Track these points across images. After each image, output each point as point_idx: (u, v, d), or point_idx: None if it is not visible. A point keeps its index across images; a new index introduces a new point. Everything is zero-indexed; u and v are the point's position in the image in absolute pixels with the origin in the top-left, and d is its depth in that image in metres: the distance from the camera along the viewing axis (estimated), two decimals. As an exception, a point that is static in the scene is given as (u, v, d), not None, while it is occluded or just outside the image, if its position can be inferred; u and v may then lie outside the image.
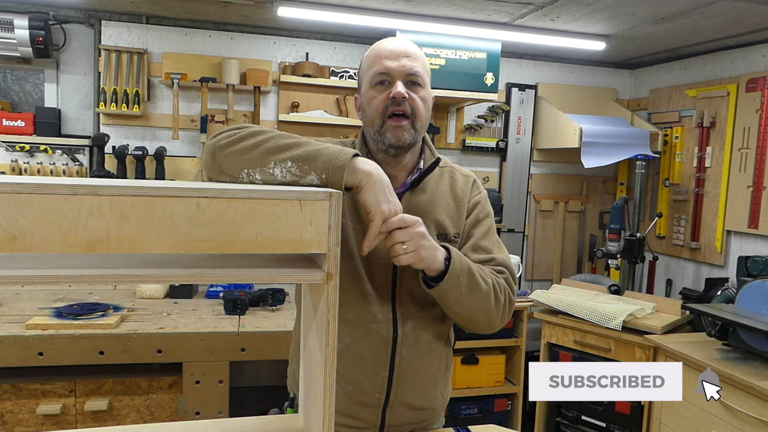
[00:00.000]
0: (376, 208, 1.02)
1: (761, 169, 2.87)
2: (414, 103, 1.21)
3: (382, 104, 1.21)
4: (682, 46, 3.19)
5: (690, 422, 2.34)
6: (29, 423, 2.22)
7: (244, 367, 3.01)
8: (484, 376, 3.07)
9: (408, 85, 1.21)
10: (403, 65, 1.20)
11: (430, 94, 1.28)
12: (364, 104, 1.26)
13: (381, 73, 1.21)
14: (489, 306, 1.20)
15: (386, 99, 1.20)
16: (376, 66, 1.22)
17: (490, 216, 1.34)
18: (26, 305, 2.50)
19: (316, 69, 3.18)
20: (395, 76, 1.20)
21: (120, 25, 3.02)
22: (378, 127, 1.22)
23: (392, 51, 1.22)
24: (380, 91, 1.21)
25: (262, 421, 1.12)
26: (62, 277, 0.73)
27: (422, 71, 1.23)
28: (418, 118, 1.22)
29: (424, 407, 1.31)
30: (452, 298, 1.16)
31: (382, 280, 1.23)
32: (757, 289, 2.27)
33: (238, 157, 1.02)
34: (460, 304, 1.18)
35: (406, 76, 1.21)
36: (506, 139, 3.62)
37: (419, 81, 1.22)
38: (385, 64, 1.20)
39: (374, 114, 1.22)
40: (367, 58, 1.27)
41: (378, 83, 1.22)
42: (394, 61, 1.20)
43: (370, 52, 1.26)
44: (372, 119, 1.23)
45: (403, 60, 1.20)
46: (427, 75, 1.25)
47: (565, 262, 3.82)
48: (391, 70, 1.20)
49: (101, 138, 2.90)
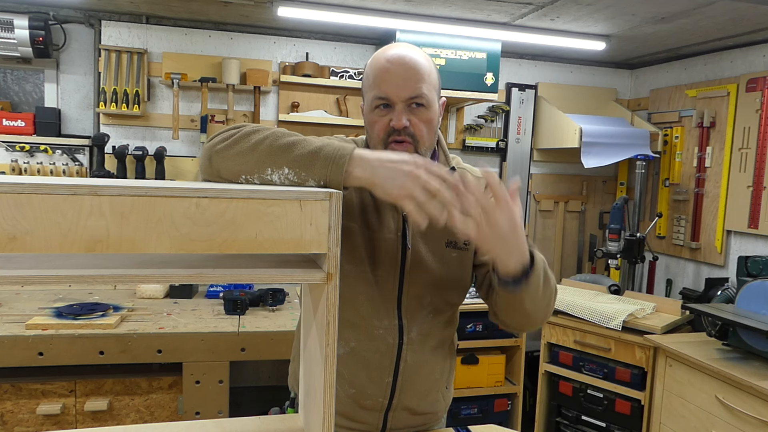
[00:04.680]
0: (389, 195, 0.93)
1: (761, 169, 2.87)
2: (417, 128, 1.14)
3: (383, 131, 1.15)
4: (682, 46, 3.19)
5: (690, 422, 2.34)
6: (29, 423, 2.22)
7: (244, 367, 3.01)
8: (484, 376, 3.06)
9: (410, 107, 1.14)
10: (403, 89, 1.12)
11: (437, 111, 1.19)
12: (367, 124, 1.20)
13: (380, 98, 1.14)
14: (551, 301, 1.16)
15: (387, 126, 1.14)
16: (375, 89, 1.14)
17: None
18: (26, 305, 2.50)
19: (316, 69, 3.18)
20: (395, 102, 1.13)
21: (120, 25, 3.02)
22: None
23: (393, 72, 1.13)
24: (381, 115, 1.15)
25: (262, 421, 1.12)
26: (62, 277, 0.73)
27: (426, 90, 1.14)
28: (421, 143, 1.15)
29: (427, 411, 1.31)
30: (531, 296, 1.08)
31: (389, 285, 1.21)
32: (757, 289, 2.27)
33: (234, 161, 0.99)
34: (534, 302, 1.10)
35: (408, 100, 1.13)
36: (506, 139, 3.62)
37: (423, 102, 1.14)
38: (384, 89, 1.13)
39: (376, 140, 1.17)
40: (367, 74, 1.18)
41: (378, 107, 1.15)
42: (393, 86, 1.12)
43: (370, 67, 1.18)
44: (374, 145, 1.18)
45: (402, 83, 1.12)
46: (433, 90, 1.17)
47: (565, 262, 3.82)
48: (391, 96, 1.13)
49: (101, 138, 2.90)
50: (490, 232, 0.97)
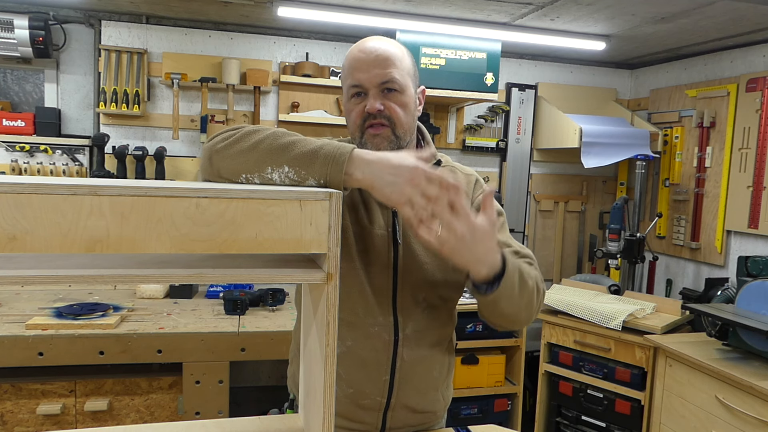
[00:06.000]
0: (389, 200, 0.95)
1: (761, 169, 2.87)
2: (392, 111, 1.17)
3: (359, 118, 1.19)
4: (682, 46, 3.19)
5: (690, 422, 2.34)
6: (29, 423, 2.22)
7: (244, 367, 3.01)
8: (484, 376, 3.07)
9: (383, 93, 1.17)
10: (375, 75, 1.16)
11: (413, 95, 1.22)
12: (345, 115, 1.25)
13: (354, 86, 1.19)
14: (533, 301, 1.18)
15: (362, 112, 1.18)
16: (349, 78, 1.19)
17: (502, 213, 1.31)
18: (26, 305, 2.50)
19: (316, 69, 3.18)
20: (368, 87, 1.17)
21: (120, 25, 3.02)
22: (358, 138, 1.20)
23: (363, 61, 1.18)
24: (356, 103, 1.19)
25: (261, 422, 1.12)
26: (62, 277, 0.73)
27: (398, 75, 1.17)
28: (398, 125, 1.18)
29: (426, 410, 1.31)
30: (506, 298, 1.10)
31: (383, 282, 1.21)
32: (757, 289, 2.27)
33: (234, 160, 1.00)
34: (510, 305, 1.12)
35: (380, 86, 1.17)
36: (506, 139, 3.62)
37: (396, 87, 1.17)
38: (357, 77, 1.18)
39: (354, 127, 1.21)
40: (343, 67, 1.24)
41: (353, 95, 1.20)
42: (365, 72, 1.17)
43: (346, 59, 1.23)
44: (353, 132, 1.22)
45: (374, 70, 1.16)
46: (407, 75, 1.20)
47: (565, 262, 3.82)
48: (363, 82, 1.17)
49: (101, 138, 2.90)
50: (455, 242, 0.97)
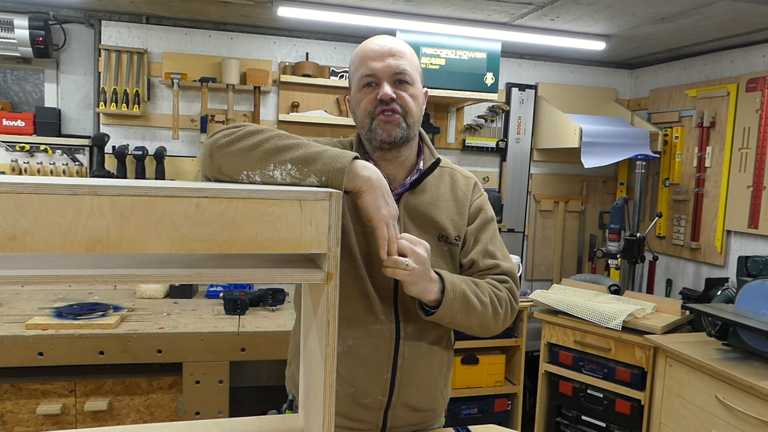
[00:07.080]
0: (376, 214, 1.02)
1: (761, 169, 2.87)
2: (403, 101, 1.20)
3: (370, 105, 1.20)
4: (682, 46, 3.19)
5: (690, 422, 2.34)
6: (29, 423, 2.22)
7: (244, 367, 3.01)
8: (484, 376, 3.07)
9: (395, 84, 1.20)
10: (389, 65, 1.19)
11: (421, 90, 1.26)
12: (354, 107, 1.26)
13: (367, 75, 1.20)
14: (486, 321, 1.24)
15: (374, 100, 1.19)
16: (362, 68, 1.21)
17: (494, 219, 1.35)
18: (26, 305, 2.50)
19: (316, 69, 3.18)
20: (382, 77, 1.19)
21: (120, 25, 3.02)
22: (368, 125, 1.21)
23: (377, 52, 1.20)
24: (368, 93, 1.21)
25: (261, 422, 1.12)
26: (62, 277, 0.73)
27: (410, 68, 1.21)
28: (409, 114, 1.21)
29: (426, 408, 1.31)
30: (448, 321, 1.20)
31: (384, 282, 1.22)
32: (757, 289, 2.27)
33: (237, 157, 1.01)
34: (456, 325, 1.23)
35: (393, 76, 1.19)
36: (506, 139, 3.62)
37: (407, 79, 1.20)
38: (371, 66, 1.19)
39: (363, 115, 1.22)
40: (353, 61, 1.25)
41: (365, 85, 1.21)
42: (380, 61, 1.19)
43: (356, 54, 1.25)
44: (362, 120, 1.23)
45: (388, 60, 1.19)
46: (416, 71, 1.23)
47: (565, 262, 3.82)
48: (377, 71, 1.19)
49: (101, 138, 2.90)
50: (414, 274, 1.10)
